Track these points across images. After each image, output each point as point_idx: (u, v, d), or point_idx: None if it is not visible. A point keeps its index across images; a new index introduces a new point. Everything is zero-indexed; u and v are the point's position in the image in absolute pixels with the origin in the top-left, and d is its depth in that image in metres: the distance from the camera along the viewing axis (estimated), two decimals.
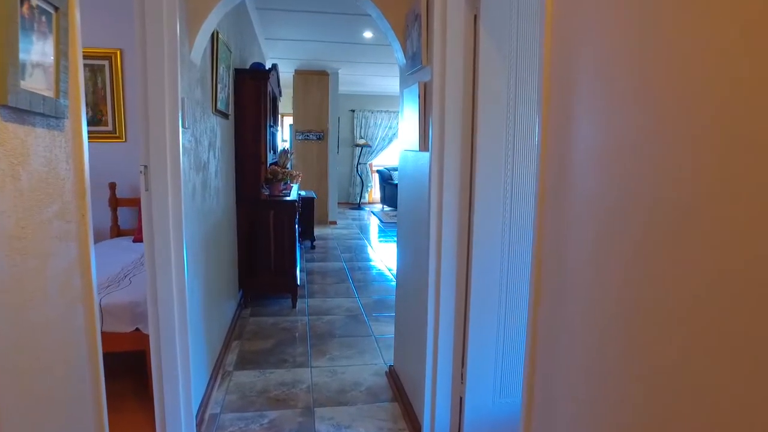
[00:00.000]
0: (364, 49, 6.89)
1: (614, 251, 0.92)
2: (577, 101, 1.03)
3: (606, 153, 0.93)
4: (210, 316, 2.88)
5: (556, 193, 1.11)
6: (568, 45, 1.09)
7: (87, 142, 1.17)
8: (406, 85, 2.50)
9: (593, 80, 0.98)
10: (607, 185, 0.93)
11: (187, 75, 2.29)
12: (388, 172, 11.11)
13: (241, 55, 4.30)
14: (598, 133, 0.96)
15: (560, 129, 1.10)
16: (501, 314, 2.13)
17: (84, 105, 1.16)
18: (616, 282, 0.92)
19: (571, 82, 1.06)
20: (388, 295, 4.63)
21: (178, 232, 2.16)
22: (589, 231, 0.99)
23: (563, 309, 1.10)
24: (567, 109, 1.07)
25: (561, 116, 1.10)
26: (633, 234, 0.86)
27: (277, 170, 4.27)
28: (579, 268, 1.04)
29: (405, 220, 2.63)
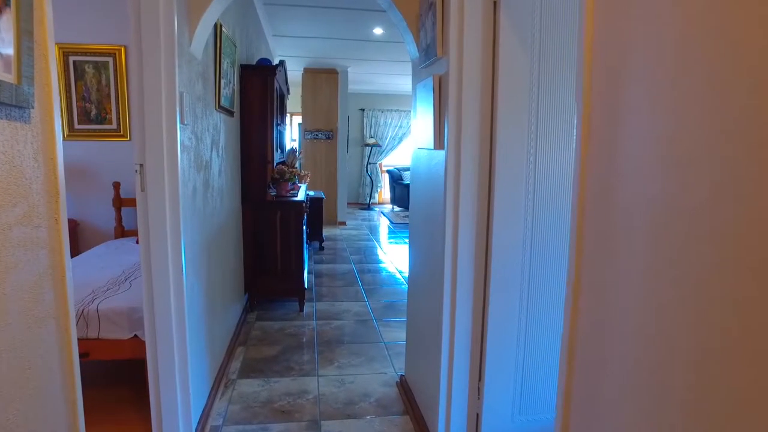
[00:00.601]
0: (374, 46, 6.75)
1: (686, 256, 0.76)
2: (632, 97, 0.88)
3: (674, 154, 0.77)
4: (212, 321, 2.75)
5: (603, 195, 0.95)
6: (618, 33, 0.93)
7: (61, 137, 1.03)
8: (419, 79, 2.35)
9: (656, 72, 0.82)
10: (676, 187, 0.77)
11: (186, 68, 2.16)
12: (398, 172, 10.96)
13: (247, 52, 4.17)
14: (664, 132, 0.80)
15: (607, 128, 0.94)
16: (522, 324, 1.97)
17: (57, 94, 1.02)
18: (686, 295, 0.76)
19: (624, 74, 0.90)
20: (398, 299, 4.48)
21: (175, 235, 2.02)
22: (650, 236, 0.83)
23: (613, 319, 0.95)
24: (617, 106, 0.92)
25: (608, 114, 0.94)
26: (709, 242, 0.71)
27: (284, 170, 4.14)
28: (634, 276, 0.88)
29: (418, 222, 2.47)
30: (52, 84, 1.00)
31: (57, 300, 1.04)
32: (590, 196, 0.99)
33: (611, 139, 0.93)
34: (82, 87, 4.37)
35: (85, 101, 4.38)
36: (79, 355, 2.53)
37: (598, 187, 0.97)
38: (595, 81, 0.99)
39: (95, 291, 2.76)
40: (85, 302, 2.57)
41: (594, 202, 0.98)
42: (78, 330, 2.51)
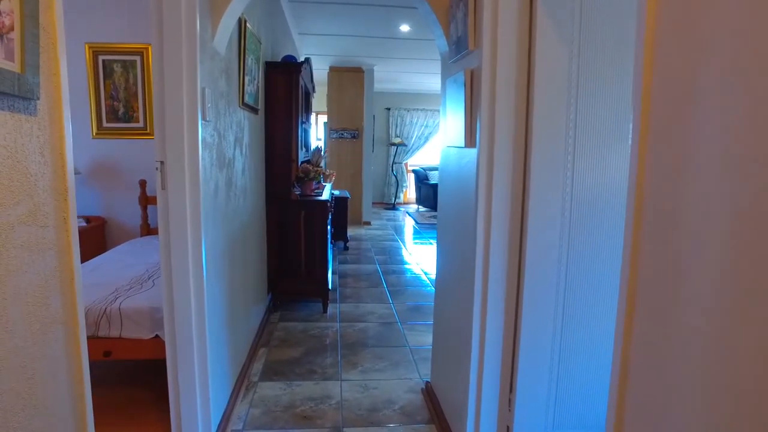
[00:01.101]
0: (400, 44, 6.65)
1: None
2: (709, 95, 0.76)
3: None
4: (234, 322, 2.70)
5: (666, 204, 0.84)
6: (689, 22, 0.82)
7: (70, 131, 0.97)
8: (448, 74, 2.24)
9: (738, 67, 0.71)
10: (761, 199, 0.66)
11: (208, 63, 2.10)
12: (424, 172, 10.83)
13: (272, 50, 4.13)
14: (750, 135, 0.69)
15: (673, 130, 0.83)
16: (557, 334, 1.85)
17: (67, 86, 0.96)
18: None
19: (698, 70, 0.79)
20: (424, 302, 4.37)
21: (196, 234, 1.97)
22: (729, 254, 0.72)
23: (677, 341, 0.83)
24: (687, 106, 0.80)
25: (674, 115, 0.83)
26: None
27: (309, 168, 4.08)
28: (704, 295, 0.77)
29: (446, 223, 2.37)
30: (61, 74, 0.94)
31: (65, 304, 0.98)
32: (650, 205, 0.88)
33: (678, 142, 0.82)
34: (110, 86, 4.39)
35: (113, 100, 4.41)
36: (102, 353, 2.52)
37: (660, 195, 0.86)
38: (657, 80, 0.88)
39: (118, 289, 2.74)
40: (108, 300, 2.55)
41: (654, 212, 0.87)
42: (100, 329, 2.49)
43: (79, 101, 4.45)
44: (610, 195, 1.76)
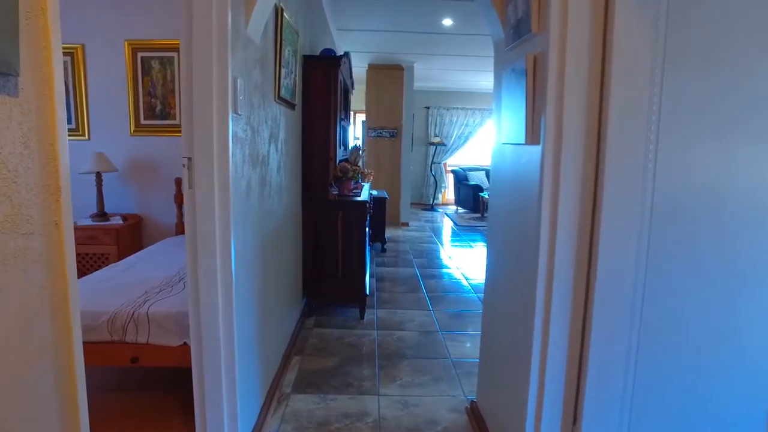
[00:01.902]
0: (442, 39, 6.41)
1: None
2: None
3: None
4: (267, 329, 2.54)
5: None
6: None
7: (65, 117, 0.81)
8: (504, 63, 2.01)
9: None
10: None
11: (241, 52, 1.94)
12: (463, 172, 10.54)
13: (311, 44, 3.97)
14: None
15: None
16: (631, 364, 1.59)
17: (60, 63, 0.79)
18: None
19: None
20: (465, 309, 4.13)
21: (225, 236, 1.80)
22: None
23: None
24: None
25: None
26: None
27: (348, 167, 3.90)
28: None
29: (499, 228, 2.13)
30: (53, 47, 0.76)
31: (56, 330, 0.81)
32: None
33: None
34: (148, 83, 4.34)
35: (151, 97, 4.35)
36: (130, 359, 2.40)
37: None
38: None
39: (148, 292, 2.62)
40: (137, 304, 2.43)
41: None
42: (127, 334, 2.37)
43: (118, 99, 4.42)
44: (709, 199, 1.49)
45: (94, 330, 2.34)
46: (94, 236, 4.18)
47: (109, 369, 2.83)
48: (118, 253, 4.16)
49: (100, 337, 2.33)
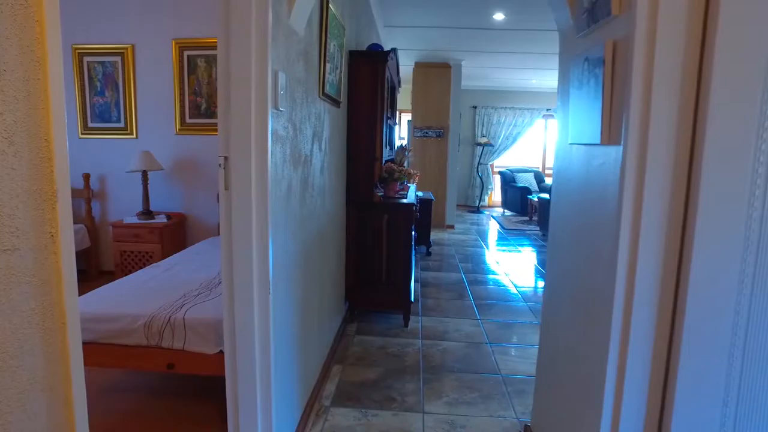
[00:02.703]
0: (492, 35, 6.15)
1: None
2: None
3: None
4: (306, 335, 2.41)
5: None
6: None
7: (64, 107, 0.67)
8: (574, 52, 1.78)
9: None
10: None
11: (284, 43, 1.80)
12: (511, 173, 10.19)
13: (357, 41, 3.83)
14: None
15: None
16: (730, 407, 1.34)
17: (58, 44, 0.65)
18: None
19: None
20: (515, 320, 3.89)
21: (262, 241, 1.67)
22: None
23: None
24: None
25: None
26: None
27: (394, 168, 3.74)
28: None
29: (564, 239, 1.91)
30: (47, 22, 0.63)
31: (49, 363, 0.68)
32: None
33: None
34: (194, 81, 4.32)
35: (196, 95, 4.33)
36: (165, 365, 2.32)
37: None
38: None
39: (186, 295, 2.54)
40: (174, 308, 2.35)
41: None
42: (164, 339, 2.28)
43: (165, 98, 4.42)
44: None
45: (131, 333, 2.27)
46: (139, 234, 4.19)
47: (146, 371, 2.77)
48: (162, 251, 4.16)
49: (137, 341, 2.26)
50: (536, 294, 4.66)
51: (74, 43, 4.48)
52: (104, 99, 4.52)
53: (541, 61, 7.56)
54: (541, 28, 5.58)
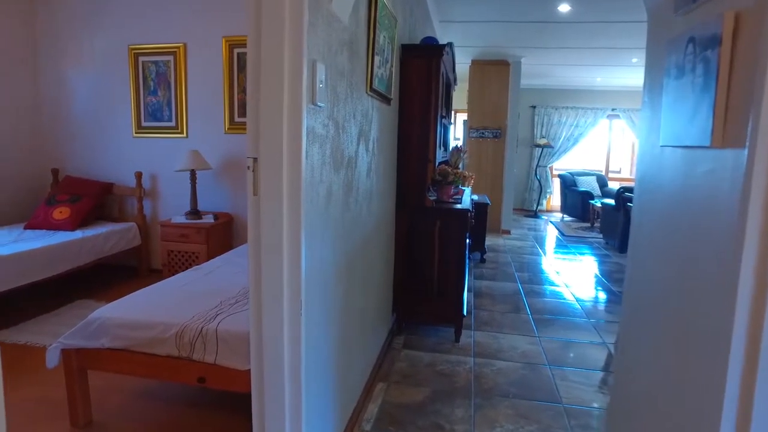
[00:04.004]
0: (556, 29, 5.75)
1: None
2: None
3: None
4: (348, 350, 2.20)
5: None
6: None
7: None
8: (670, 34, 1.47)
9: None
10: None
11: (323, 29, 1.60)
12: (571, 177, 9.65)
13: (410, 36, 3.60)
14: None
15: None
16: None
17: None
18: None
19: None
20: (577, 338, 3.54)
21: (294, 252, 1.47)
22: None
23: None
24: None
25: None
26: None
27: (448, 171, 3.48)
28: None
29: (650, 256, 1.60)
30: None
31: None
32: None
33: None
34: (243, 79, 4.23)
35: (245, 94, 4.24)
36: (197, 379, 2.17)
37: None
38: None
39: (223, 303, 2.40)
40: (208, 317, 2.21)
41: None
42: (195, 351, 2.12)
43: (215, 97, 4.36)
44: None
45: (162, 343, 2.14)
46: (186, 234, 4.14)
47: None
48: (207, 251, 4.09)
49: (168, 351, 2.13)
50: (600, 309, 4.27)
51: (131, 43, 4.51)
52: (157, 98, 4.52)
53: (608, 57, 7.05)
54: (612, 20, 5.15)
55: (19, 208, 4.67)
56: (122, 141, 4.68)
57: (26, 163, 4.74)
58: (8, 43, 4.48)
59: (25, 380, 2.72)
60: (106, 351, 2.23)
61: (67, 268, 3.84)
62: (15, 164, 4.62)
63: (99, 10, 4.53)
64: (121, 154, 4.70)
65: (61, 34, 4.66)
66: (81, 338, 2.26)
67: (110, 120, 4.68)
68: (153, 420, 2.38)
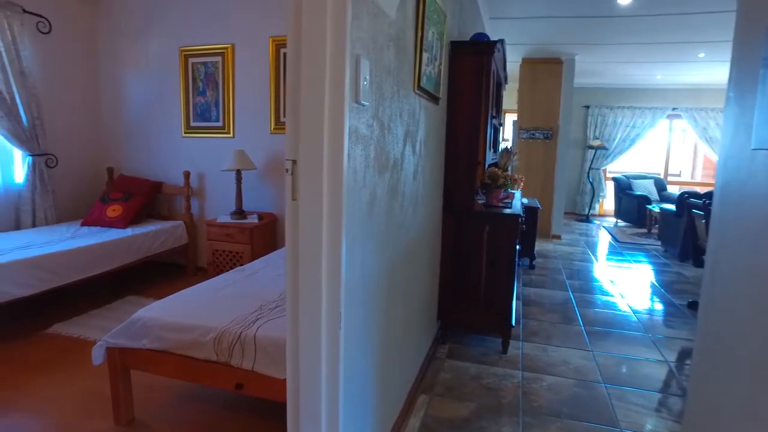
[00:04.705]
0: (614, 24, 5.44)
1: None
2: None
3: None
4: (389, 361, 2.10)
5: None
6: None
7: None
8: (766, 21, 1.29)
9: None
10: None
11: (369, 23, 1.50)
12: (627, 180, 9.19)
13: (459, 33, 3.46)
14: None
15: None
16: None
17: None
18: None
19: None
20: (635, 354, 3.29)
21: (334, 260, 1.38)
22: None
23: None
24: None
25: None
26: None
27: (498, 173, 3.32)
28: None
29: (738, 275, 1.41)
30: None
31: None
32: None
33: None
34: None
35: None
36: (234, 385, 2.12)
37: None
38: None
39: (263, 307, 2.35)
40: (247, 322, 2.15)
41: None
42: (233, 356, 2.05)
43: (261, 97, 4.36)
44: None
45: (201, 347, 2.11)
46: (231, 234, 4.16)
47: None
48: (252, 252, 4.09)
49: (206, 356, 2.09)
50: (659, 322, 3.98)
51: (182, 45, 4.58)
52: (205, 99, 4.57)
53: (671, 53, 6.64)
54: (679, 12, 4.81)
55: (78, 205, 4.84)
56: (172, 141, 4.76)
57: (86, 162, 4.91)
58: (73, 52, 4.64)
59: (78, 373, 2.78)
60: (148, 351, 2.22)
61: (118, 265, 3.92)
62: (76, 163, 4.80)
63: (154, 16, 4.63)
64: (170, 153, 4.79)
65: (119, 40, 4.80)
66: (124, 338, 2.26)
67: (161, 120, 4.78)
68: (192, 423, 2.36)
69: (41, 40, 4.35)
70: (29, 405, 2.48)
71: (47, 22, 4.36)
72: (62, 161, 4.62)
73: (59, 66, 4.56)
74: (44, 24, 4.35)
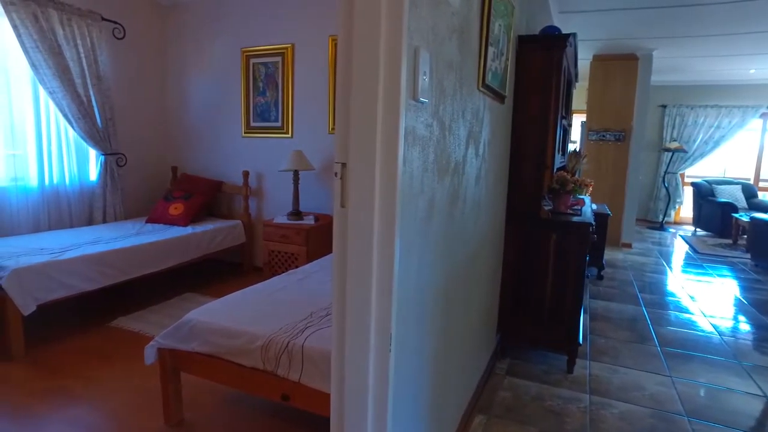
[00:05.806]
0: (698, 14, 4.97)
1: None
2: None
3: None
4: (444, 377, 1.94)
5: None
6: None
7: None
8: None
9: None
10: None
11: (429, 12, 1.35)
12: (708, 185, 8.48)
13: (527, 27, 3.24)
14: None
15: None
16: None
17: None
18: None
19: None
20: (725, 383, 2.93)
21: (386, 272, 1.24)
22: None
23: None
24: None
25: None
26: None
27: (567, 178, 3.07)
28: None
29: None
30: None
31: None
32: None
33: None
34: None
35: None
36: (281, 396, 2.02)
37: None
38: None
39: (313, 314, 2.26)
40: (296, 330, 2.06)
41: None
42: (280, 366, 1.93)
43: (320, 96, 4.31)
44: None
45: (248, 354, 2.04)
46: (286, 235, 4.13)
47: None
48: (307, 253, 4.04)
49: (253, 364, 2.02)
50: (751, 347, 3.55)
51: (243, 46, 4.61)
52: (265, 99, 4.59)
53: (766, 44, 6.01)
54: None
55: (144, 203, 5.01)
56: (232, 141, 4.82)
57: (152, 161, 5.08)
58: (143, 56, 4.81)
59: (134, 367, 2.83)
60: (197, 354, 2.18)
61: (178, 262, 3.99)
62: (143, 162, 4.98)
63: (218, 17, 4.71)
64: (231, 153, 4.85)
65: (185, 43, 4.94)
66: (174, 339, 2.23)
67: (223, 120, 4.85)
68: (238, 429, 2.30)
69: (116, 45, 4.52)
70: (88, 396, 2.54)
71: (122, 28, 4.53)
72: (131, 160, 4.78)
73: (130, 69, 4.73)
74: (119, 30, 4.52)
